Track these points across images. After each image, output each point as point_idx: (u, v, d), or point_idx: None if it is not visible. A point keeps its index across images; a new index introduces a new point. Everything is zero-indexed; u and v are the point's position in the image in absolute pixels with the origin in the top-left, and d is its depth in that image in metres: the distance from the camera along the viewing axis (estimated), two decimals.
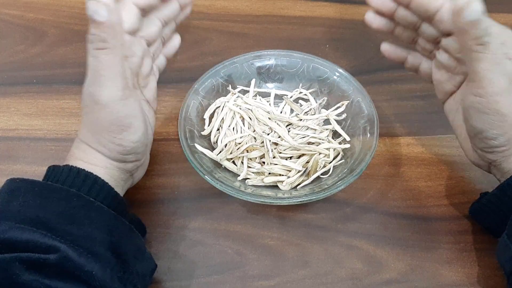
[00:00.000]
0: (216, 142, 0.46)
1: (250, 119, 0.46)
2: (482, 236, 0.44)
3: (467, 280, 0.42)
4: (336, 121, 0.48)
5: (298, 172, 0.44)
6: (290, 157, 0.45)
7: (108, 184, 0.35)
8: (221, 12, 0.61)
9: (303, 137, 0.46)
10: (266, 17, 0.60)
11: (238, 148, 0.45)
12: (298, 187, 0.44)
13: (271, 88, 0.51)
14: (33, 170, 0.46)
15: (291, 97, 0.50)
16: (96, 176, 0.35)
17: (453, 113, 0.43)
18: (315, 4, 0.62)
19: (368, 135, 0.45)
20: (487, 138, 0.38)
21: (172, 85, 0.53)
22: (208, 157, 0.44)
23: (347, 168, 0.44)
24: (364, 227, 0.44)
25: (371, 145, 0.44)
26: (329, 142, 0.46)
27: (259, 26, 0.59)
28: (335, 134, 0.48)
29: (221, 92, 0.49)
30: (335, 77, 0.49)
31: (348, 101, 0.48)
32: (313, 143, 0.46)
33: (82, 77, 0.55)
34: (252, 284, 0.41)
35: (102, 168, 0.36)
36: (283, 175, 0.44)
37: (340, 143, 0.47)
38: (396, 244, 0.43)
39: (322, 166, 0.45)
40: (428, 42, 0.43)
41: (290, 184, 0.44)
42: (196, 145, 0.44)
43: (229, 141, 0.45)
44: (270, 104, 0.49)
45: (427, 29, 0.42)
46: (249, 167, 0.45)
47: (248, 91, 0.50)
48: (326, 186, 0.42)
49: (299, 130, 0.46)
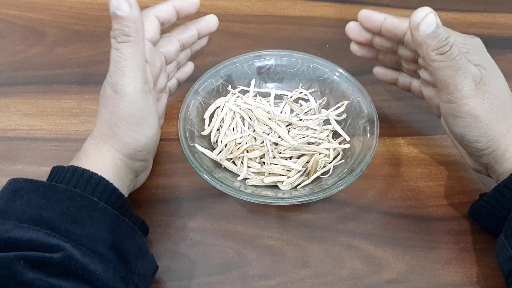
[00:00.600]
0: (216, 142, 0.46)
1: (250, 119, 0.46)
2: (482, 236, 0.44)
3: (467, 280, 0.42)
4: (336, 121, 0.48)
5: (298, 172, 0.44)
6: (290, 157, 0.45)
7: (112, 185, 0.36)
8: (221, 12, 0.60)
9: (303, 137, 0.46)
10: (266, 17, 0.60)
11: (238, 148, 0.45)
12: (298, 187, 0.44)
13: (271, 88, 0.51)
14: (33, 170, 0.46)
15: (291, 97, 0.50)
16: (101, 177, 0.35)
17: (449, 125, 0.43)
18: (315, 4, 0.62)
19: (368, 135, 0.45)
20: (470, 142, 0.40)
21: None
22: (208, 157, 0.44)
23: (347, 168, 0.44)
24: (364, 227, 0.44)
25: (371, 145, 0.44)
26: (329, 142, 0.46)
27: (259, 26, 0.59)
28: (335, 134, 0.48)
29: (221, 92, 0.49)
30: (335, 77, 0.49)
31: (348, 101, 0.48)
32: (313, 143, 0.46)
33: (82, 77, 0.55)
34: (252, 284, 0.41)
35: (112, 165, 0.37)
36: (283, 175, 0.44)
37: (340, 143, 0.47)
38: (396, 244, 0.43)
39: (322, 166, 0.45)
40: (409, 63, 0.45)
41: (290, 184, 0.44)
42: (196, 145, 0.44)
43: (229, 141, 0.45)
44: (270, 104, 0.49)
45: (403, 51, 0.44)
46: (249, 167, 0.45)
47: (248, 91, 0.50)
48: (326, 186, 0.42)
49: (299, 130, 0.46)
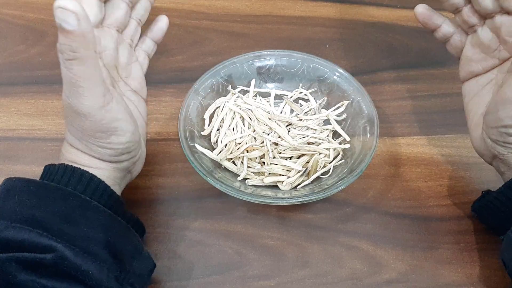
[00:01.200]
0: (216, 142, 0.46)
1: (250, 119, 0.46)
2: (482, 236, 0.44)
3: (467, 280, 0.42)
4: (336, 121, 0.48)
5: (298, 172, 0.44)
6: (290, 157, 0.45)
7: (104, 183, 0.35)
8: (221, 12, 0.61)
9: (303, 137, 0.46)
10: (266, 17, 0.60)
11: (238, 148, 0.45)
12: (298, 187, 0.44)
13: (271, 88, 0.51)
14: (33, 170, 0.46)
15: (291, 97, 0.50)
16: (92, 175, 0.35)
17: (471, 96, 0.41)
18: (315, 4, 0.62)
19: (368, 135, 0.45)
20: (509, 134, 0.37)
21: (172, 85, 0.53)
22: (208, 157, 0.44)
23: (347, 168, 0.44)
24: (364, 227, 0.44)
25: (371, 145, 0.44)
26: (329, 142, 0.46)
27: (259, 26, 0.59)
28: (335, 134, 0.48)
29: (221, 92, 0.49)
30: (335, 77, 0.49)
31: (348, 101, 0.48)
32: (313, 143, 0.46)
33: None
34: (252, 284, 0.41)
35: (96, 169, 0.36)
36: (283, 175, 0.44)
37: (340, 143, 0.47)
38: (396, 244, 0.43)
39: (322, 166, 0.45)
40: (474, 15, 0.40)
41: (290, 184, 0.44)
42: (196, 145, 0.44)
43: (229, 141, 0.45)
44: (270, 104, 0.49)
45: (484, 0, 0.38)
46: (249, 167, 0.45)
47: (248, 91, 0.50)
48: (326, 186, 0.42)
49: (299, 130, 0.46)
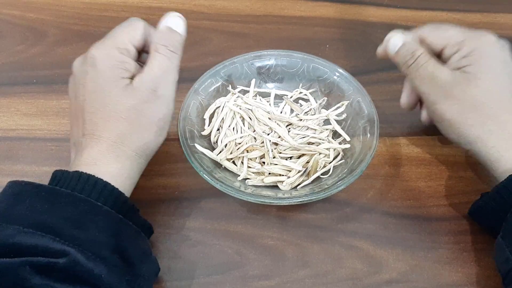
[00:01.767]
0: (216, 142, 0.46)
1: (250, 119, 0.46)
2: (482, 236, 0.44)
3: (467, 280, 0.42)
4: (336, 121, 0.48)
5: (298, 172, 0.44)
6: (290, 157, 0.45)
7: (118, 190, 0.35)
8: (221, 12, 0.61)
9: (303, 137, 0.46)
10: (266, 17, 0.60)
11: (238, 148, 0.45)
12: (298, 187, 0.44)
13: (271, 88, 0.51)
14: (33, 170, 0.46)
15: (291, 97, 0.50)
16: (106, 182, 0.35)
17: None
18: (315, 4, 0.62)
19: (368, 135, 0.45)
20: (454, 143, 0.43)
21: None
22: (208, 157, 0.44)
23: (347, 168, 0.44)
24: (364, 227, 0.44)
25: (371, 145, 0.44)
26: (329, 142, 0.46)
27: (259, 26, 0.59)
28: (335, 134, 0.48)
29: (221, 92, 0.49)
30: (335, 77, 0.49)
31: (348, 101, 0.48)
32: (313, 143, 0.46)
33: None
34: (252, 284, 0.41)
35: (128, 171, 0.37)
36: (283, 175, 0.44)
37: (340, 143, 0.47)
38: (396, 244, 0.43)
39: (322, 166, 0.45)
40: None
41: (290, 184, 0.44)
42: (196, 145, 0.44)
43: (229, 141, 0.45)
44: (270, 104, 0.49)
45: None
46: (249, 167, 0.45)
47: (248, 91, 0.50)
48: (326, 186, 0.42)
49: (299, 130, 0.46)
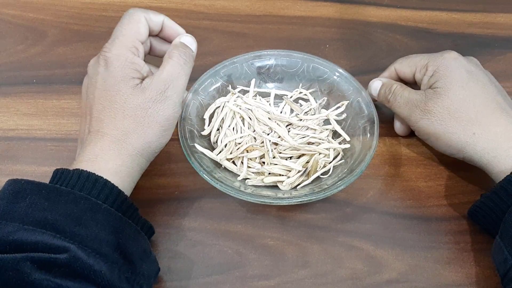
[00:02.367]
0: (216, 142, 0.46)
1: (250, 119, 0.46)
2: (482, 236, 0.44)
3: (467, 280, 0.42)
4: (336, 121, 0.48)
5: (298, 172, 0.44)
6: (290, 157, 0.45)
7: (118, 188, 0.36)
8: (221, 12, 0.61)
9: (303, 137, 0.46)
10: (266, 17, 0.60)
11: (238, 148, 0.45)
12: (298, 187, 0.44)
13: (271, 88, 0.51)
14: (33, 170, 0.46)
15: (291, 97, 0.50)
16: (106, 180, 0.35)
17: None
18: (315, 4, 0.62)
19: (368, 135, 0.45)
20: (449, 154, 0.45)
21: None
22: (208, 157, 0.44)
23: (347, 168, 0.44)
24: (364, 227, 0.44)
25: (371, 145, 0.44)
26: (329, 142, 0.46)
27: (259, 26, 0.59)
28: (335, 134, 0.48)
29: (221, 92, 0.49)
30: (335, 77, 0.49)
31: (348, 101, 0.48)
32: (313, 143, 0.46)
33: (82, 77, 0.55)
34: (252, 284, 0.41)
35: (129, 169, 0.38)
36: (283, 175, 0.44)
37: (340, 143, 0.47)
38: (396, 244, 0.43)
39: (322, 166, 0.45)
40: None
41: (290, 184, 0.44)
42: (196, 145, 0.44)
43: (229, 141, 0.45)
44: (270, 104, 0.49)
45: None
46: (249, 167, 0.45)
47: (248, 91, 0.50)
48: (326, 186, 0.42)
49: (299, 130, 0.46)
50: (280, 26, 0.60)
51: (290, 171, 0.44)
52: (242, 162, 0.45)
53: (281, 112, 0.49)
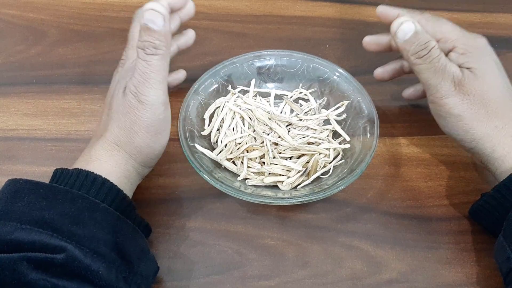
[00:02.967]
0: (216, 142, 0.46)
1: (250, 119, 0.46)
2: (482, 236, 0.44)
3: (467, 280, 0.42)
4: (336, 121, 0.48)
5: (298, 172, 0.44)
6: (290, 157, 0.45)
7: (117, 187, 0.36)
8: (221, 12, 0.61)
9: (303, 137, 0.46)
10: (266, 17, 0.60)
11: (238, 148, 0.45)
12: (298, 187, 0.44)
13: (271, 88, 0.51)
14: (33, 170, 0.46)
15: (291, 97, 0.50)
16: (105, 179, 0.35)
17: None
18: (315, 4, 0.62)
19: (368, 135, 0.45)
20: (456, 141, 0.43)
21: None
22: (208, 157, 0.44)
23: (347, 168, 0.44)
24: (364, 227, 0.44)
25: (371, 145, 0.44)
26: (329, 142, 0.46)
27: (259, 26, 0.59)
28: (335, 134, 0.48)
29: (221, 92, 0.49)
30: (335, 77, 0.49)
31: (348, 101, 0.48)
32: (313, 143, 0.46)
33: (82, 77, 0.55)
34: (252, 284, 0.41)
35: (124, 171, 0.38)
36: (283, 175, 0.44)
37: (340, 143, 0.47)
38: (396, 244, 0.43)
39: (322, 166, 0.45)
40: None
41: (290, 184, 0.44)
42: (196, 145, 0.44)
43: (229, 141, 0.45)
44: (270, 104, 0.49)
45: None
46: (249, 167, 0.45)
47: (248, 91, 0.50)
48: (326, 186, 0.42)
49: (299, 130, 0.46)
50: (280, 26, 0.60)
51: (290, 171, 0.44)
52: (242, 162, 0.45)
53: (281, 112, 0.49)
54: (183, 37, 0.48)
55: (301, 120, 0.47)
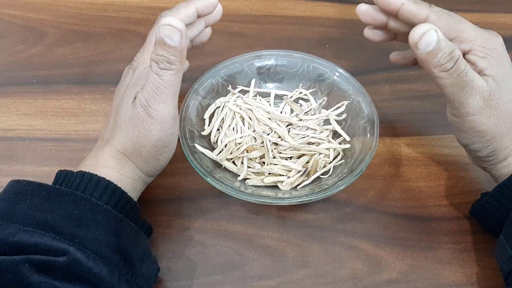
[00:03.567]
0: (216, 142, 0.46)
1: (250, 119, 0.46)
2: (482, 236, 0.44)
3: (467, 280, 0.42)
4: (336, 121, 0.48)
5: (298, 172, 0.44)
6: (290, 157, 0.45)
7: (121, 189, 0.36)
8: None
9: (303, 137, 0.46)
10: (266, 17, 0.60)
11: (238, 148, 0.45)
12: (298, 187, 0.44)
13: (271, 88, 0.51)
14: (33, 170, 0.46)
15: (291, 97, 0.50)
16: (109, 181, 0.35)
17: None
18: (315, 4, 0.62)
19: (368, 135, 0.45)
20: (472, 151, 0.41)
21: None
22: (208, 157, 0.44)
23: (347, 168, 0.44)
24: (364, 227, 0.44)
25: (371, 145, 0.44)
26: (329, 142, 0.46)
27: (259, 26, 0.59)
28: (335, 134, 0.48)
29: (221, 92, 0.49)
30: (335, 77, 0.49)
31: (348, 101, 0.48)
32: (313, 143, 0.46)
33: (82, 77, 0.55)
34: (252, 284, 0.41)
35: (131, 180, 0.38)
36: (283, 175, 0.44)
37: (340, 143, 0.47)
38: (396, 244, 0.43)
39: (322, 166, 0.45)
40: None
41: (290, 184, 0.44)
42: (196, 145, 0.44)
43: (229, 141, 0.45)
44: (270, 104, 0.49)
45: None
46: (249, 167, 0.45)
47: (248, 91, 0.50)
48: (326, 186, 0.42)
49: (299, 130, 0.46)
50: (280, 26, 0.60)
51: (290, 171, 0.44)
52: (242, 162, 0.45)
53: (281, 112, 0.49)
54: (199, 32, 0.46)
55: (301, 120, 0.47)
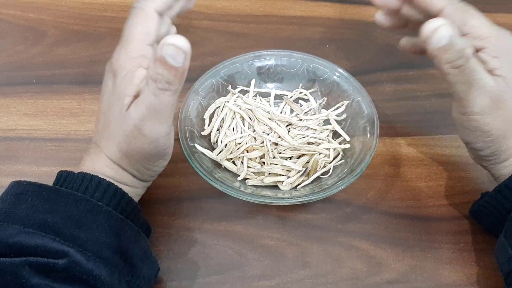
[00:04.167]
0: (216, 142, 0.46)
1: (250, 119, 0.46)
2: (482, 236, 0.44)
3: (467, 280, 0.42)
4: (336, 121, 0.48)
5: (298, 172, 0.44)
6: (290, 157, 0.45)
7: (122, 190, 0.36)
8: (221, 12, 0.60)
9: (303, 137, 0.46)
10: (266, 17, 0.60)
11: (238, 148, 0.45)
12: (298, 187, 0.44)
13: (271, 88, 0.51)
14: (33, 170, 0.46)
15: (291, 97, 0.50)
16: (110, 182, 0.35)
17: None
18: (315, 4, 0.62)
19: (368, 135, 0.45)
20: (474, 149, 0.40)
21: None
22: (208, 157, 0.44)
23: (347, 168, 0.44)
24: (364, 227, 0.44)
25: (371, 145, 0.44)
26: (329, 142, 0.46)
27: (259, 26, 0.59)
28: (335, 134, 0.48)
29: (221, 92, 0.49)
30: (335, 77, 0.49)
31: (348, 101, 0.48)
32: (313, 143, 0.46)
33: (82, 77, 0.55)
34: (252, 284, 0.41)
35: (131, 187, 0.38)
36: (283, 175, 0.44)
37: (340, 143, 0.47)
38: (396, 244, 0.43)
39: (322, 166, 0.45)
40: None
41: (290, 184, 0.44)
42: (196, 145, 0.44)
43: (229, 141, 0.45)
44: (270, 104, 0.49)
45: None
46: (249, 167, 0.45)
47: (248, 91, 0.50)
48: (326, 186, 0.42)
49: (299, 130, 0.46)
50: (280, 26, 0.60)
51: (290, 171, 0.44)
52: (242, 162, 0.45)
53: (281, 112, 0.49)
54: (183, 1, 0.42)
55: (301, 120, 0.47)
